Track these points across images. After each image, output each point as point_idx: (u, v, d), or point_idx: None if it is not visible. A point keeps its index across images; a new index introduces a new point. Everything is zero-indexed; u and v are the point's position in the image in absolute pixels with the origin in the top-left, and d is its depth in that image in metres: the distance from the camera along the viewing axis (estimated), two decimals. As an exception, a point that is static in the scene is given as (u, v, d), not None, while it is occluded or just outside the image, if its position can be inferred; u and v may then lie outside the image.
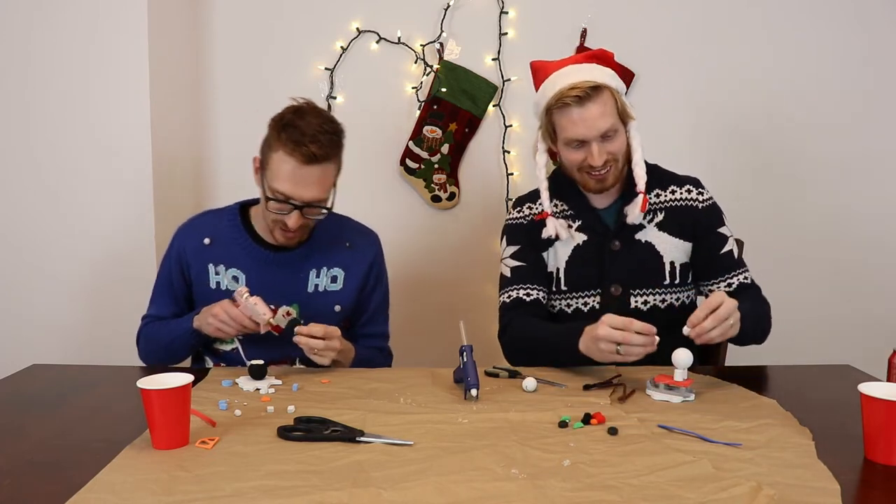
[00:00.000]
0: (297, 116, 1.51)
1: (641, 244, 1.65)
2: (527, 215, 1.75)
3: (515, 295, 1.68)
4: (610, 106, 1.58)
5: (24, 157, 2.23)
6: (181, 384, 1.12)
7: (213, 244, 1.65)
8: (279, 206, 1.53)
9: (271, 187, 1.52)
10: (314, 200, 1.53)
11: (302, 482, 0.99)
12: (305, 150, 1.47)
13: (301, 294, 1.65)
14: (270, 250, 1.65)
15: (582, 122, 1.56)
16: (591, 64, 1.62)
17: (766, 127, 2.58)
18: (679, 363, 1.33)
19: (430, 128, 2.58)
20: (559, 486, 0.96)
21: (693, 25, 2.54)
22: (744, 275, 1.66)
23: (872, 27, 2.53)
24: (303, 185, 1.50)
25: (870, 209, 2.60)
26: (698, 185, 1.70)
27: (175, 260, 1.67)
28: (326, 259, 1.67)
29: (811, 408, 1.28)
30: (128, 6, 2.18)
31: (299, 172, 1.49)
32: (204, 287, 1.64)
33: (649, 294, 1.65)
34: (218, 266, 1.64)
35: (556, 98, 1.57)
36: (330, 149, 1.52)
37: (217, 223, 1.68)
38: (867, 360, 1.78)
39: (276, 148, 1.50)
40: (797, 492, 0.95)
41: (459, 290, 2.65)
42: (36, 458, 1.09)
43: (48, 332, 2.25)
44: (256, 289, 1.60)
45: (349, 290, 1.69)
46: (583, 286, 1.67)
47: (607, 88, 1.57)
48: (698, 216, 1.66)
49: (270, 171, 1.52)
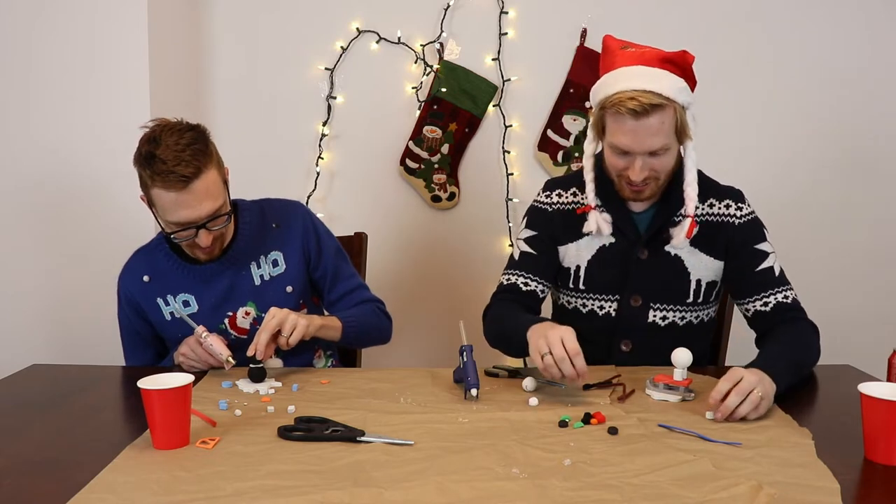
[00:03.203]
0: (153, 146, 1.44)
1: (670, 257, 1.57)
2: (554, 202, 1.66)
3: (514, 280, 1.63)
4: (668, 124, 1.45)
5: (24, 156, 2.23)
6: (181, 384, 1.12)
7: (153, 280, 1.63)
8: (185, 234, 1.50)
9: (166, 221, 1.49)
10: (210, 214, 1.49)
11: (303, 482, 0.99)
12: (174, 176, 1.41)
13: (251, 290, 1.64)
14: (206, 264, 1.63)
15: (633, 134, 1.44)
16: (664, 71, 1.46)
17: (766, 126, 2.58)
18: (678, 363, 1.33)
19: (430, 128, 2.58)
20: (560, 486, 0.96)
21: (693, 25, 2.54)
22: (784, 294, 1.53)
23: (874, 26, 2.53)
24: (191, 207, 1.46)
25: (870, 208, 2.60)
26: (739, 199, 1.60)
27: (127, 306, 1.67)
28: (260, 247, 1.66)
29: (811, 408, 1.28)
30: (128, 6, 2.17)
31: (182, 199, 1.44)
32: (162, 322, 1.64)
33: (669, 310, 1.58)
34: (166, 297, 1.63)
35: (613, 103, 1.43)
36: (200, 161, 1.45)
37: (149, 258, 1.66)
38: (867, 360, 1.78)
39: (151, 185, 1.45)
40: (797, 491, 0.95)
41: (459, 290, 2.65)
42: (36, 458, 1.09)
43: (48, 332, 2.25)
44: (208, 302, 1.61)
45: (293, 268, 1.67)
46: (602, 290, 1.61)
47: (671, 105, 1.44)
48: (733, 233, 1.56)
49: (158, 207, 1.48)
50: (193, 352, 1.50)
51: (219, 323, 1.63)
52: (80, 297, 2.26)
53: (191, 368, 1.52)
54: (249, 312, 1.59)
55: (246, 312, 1.59)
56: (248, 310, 1.58)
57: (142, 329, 1.68)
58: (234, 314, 1.63)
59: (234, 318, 1.63)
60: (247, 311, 1.58)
